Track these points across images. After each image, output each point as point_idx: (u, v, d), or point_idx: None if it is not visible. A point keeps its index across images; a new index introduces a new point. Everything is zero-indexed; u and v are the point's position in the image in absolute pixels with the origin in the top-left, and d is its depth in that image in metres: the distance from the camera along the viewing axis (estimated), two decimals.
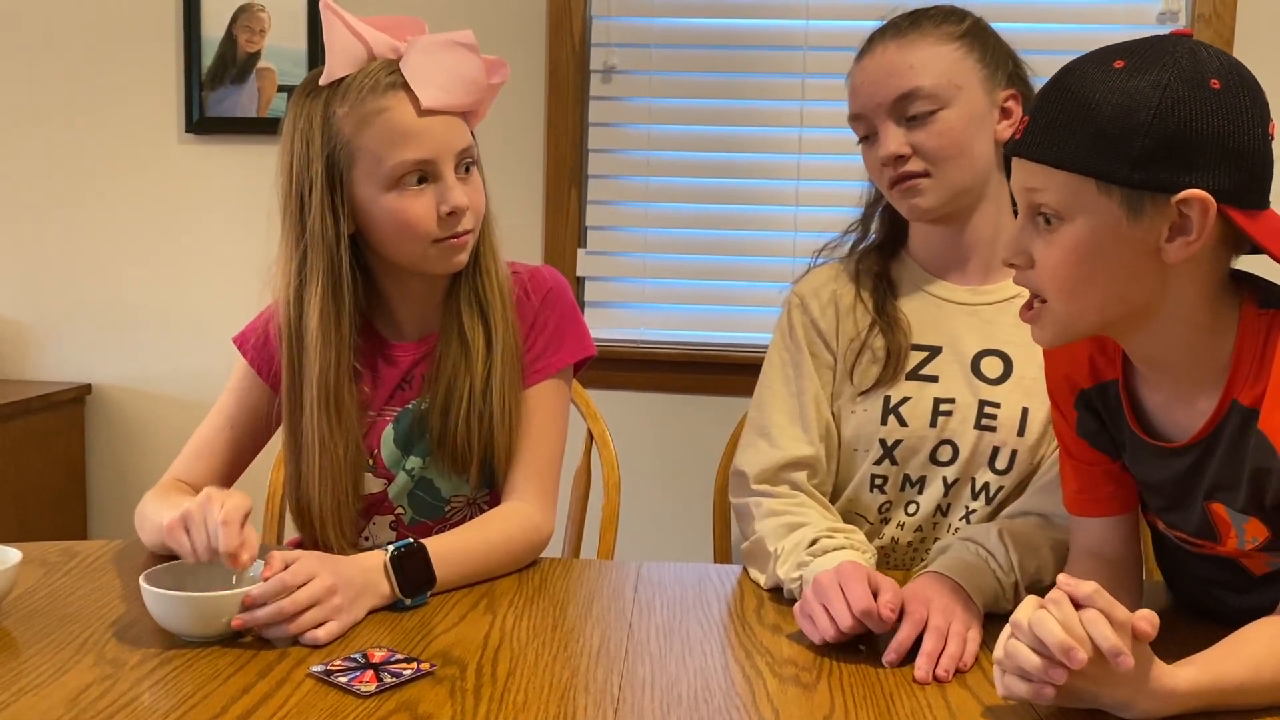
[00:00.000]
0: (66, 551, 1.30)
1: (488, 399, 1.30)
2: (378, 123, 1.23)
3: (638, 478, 2.26)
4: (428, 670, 0.99)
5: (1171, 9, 2.24)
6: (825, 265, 1.43)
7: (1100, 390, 1.11)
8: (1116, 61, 0.94)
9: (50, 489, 2.48)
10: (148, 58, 2.50)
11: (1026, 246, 1.00)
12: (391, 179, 1.23)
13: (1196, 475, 1.04)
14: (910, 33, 1.29)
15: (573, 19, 2.37)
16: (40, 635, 1.06)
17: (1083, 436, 1.14)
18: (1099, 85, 0.94)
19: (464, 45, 1.25)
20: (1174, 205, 0.93)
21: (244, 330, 1.39)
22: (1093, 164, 0.94)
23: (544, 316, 1.36)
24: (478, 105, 1.29)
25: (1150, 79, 0.92)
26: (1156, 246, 0.95)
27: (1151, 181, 0.92)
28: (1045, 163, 0.96)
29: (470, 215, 1.27)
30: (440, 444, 1.31)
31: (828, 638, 1.05)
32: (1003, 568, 1.17)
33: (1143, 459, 1.08)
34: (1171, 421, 1.06)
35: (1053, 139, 0.96)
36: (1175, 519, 1.09)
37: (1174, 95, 0.91)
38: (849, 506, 1.36)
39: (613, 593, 1.23)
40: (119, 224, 2.55)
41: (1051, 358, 1.15)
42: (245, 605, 1.04)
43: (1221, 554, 1.07)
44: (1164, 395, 1.06)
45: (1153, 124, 0.91)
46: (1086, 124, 0.94)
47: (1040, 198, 0.97)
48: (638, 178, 2.43)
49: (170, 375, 2.57)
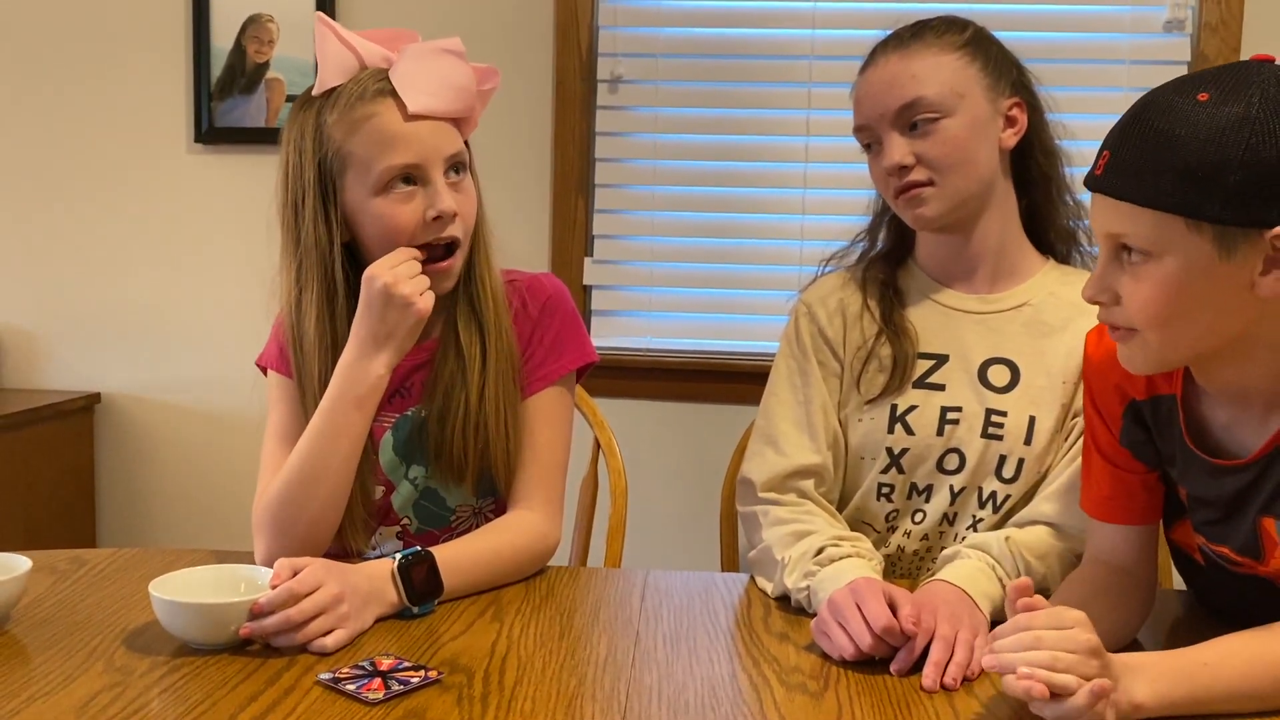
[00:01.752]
0: (76, 559, 1.31)
1: (483, 409, 1.30)
2: (366, 128, 1.24)
3: (645, 486, 2.26)
4: (435, 678, 0.99)
5: (1178, 17, 2.24)
6: (833, 274, 1.44)
7: (1153, 403, 1.09)
8: (1200, 94, 0.91)
9: (59, 498, 2.49)
10: (157, 68, 2.51)
11: (1111, 284, 0.97)
12: (379, 184, 1.24)
13: (1253, 491, 1.02)
14: (912, 43, 1.30)
15: (580, 29, 2.38)
16: (50, 643, 1.06)
17: (1127, 446, 1.12)
18: (1184, 120, 0.91)
19: (451, 52, 1.26)
20: (1268, 240, 0.90)
21: (263, 351, 1.39)
22: (1181, 203, 0.90)
23: (544, 324, 1.36)
24: (467, 112, 1.29)
25: (1238, 111, 0.89)
26: (1250, 281, 0.92)
27: (1244, 219, 0.90)
28: (1130, 200, 0.93)
29: (459, 223, 1.27)
30: (438, 454, 1.32)
31: (846, 656, 1.05)
32: (1009, 576, 1.17)
33: (1195, 474, 1.07)
34: (1232, 439, 1.04)
35: (1137, 176, 0.93)
36: (1221, 533, 1.07)
37: (1264, 128, 0.88)
38: (856, 515, 1.36)
39: (619, 601, 1.23)
40: (128, 233, 2.56)
41: (1102, 366, 1.12)
42: (253, 613, 1.04)
43: (1262, 574, 1.06)
44: (1229, 415, 1.04)
45: (1244, 159, 0.88)
46: (1173, 161, 0.90)
47: (1126, 237, 0.95)
48: (644, 187, 2.44)
49: (179, 384, 2.58)
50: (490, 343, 1.31)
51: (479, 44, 1.35)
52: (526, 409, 1.34)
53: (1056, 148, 1.36)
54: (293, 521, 1.24)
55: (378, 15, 2.43)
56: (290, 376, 1.34)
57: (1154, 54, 2.25)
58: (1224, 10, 2.22)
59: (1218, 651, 0.93)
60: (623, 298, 2.48)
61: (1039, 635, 0.90)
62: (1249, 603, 1.09)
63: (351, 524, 1.31)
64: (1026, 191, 1.36)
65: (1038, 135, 1.34)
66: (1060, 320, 1.31)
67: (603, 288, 2.47)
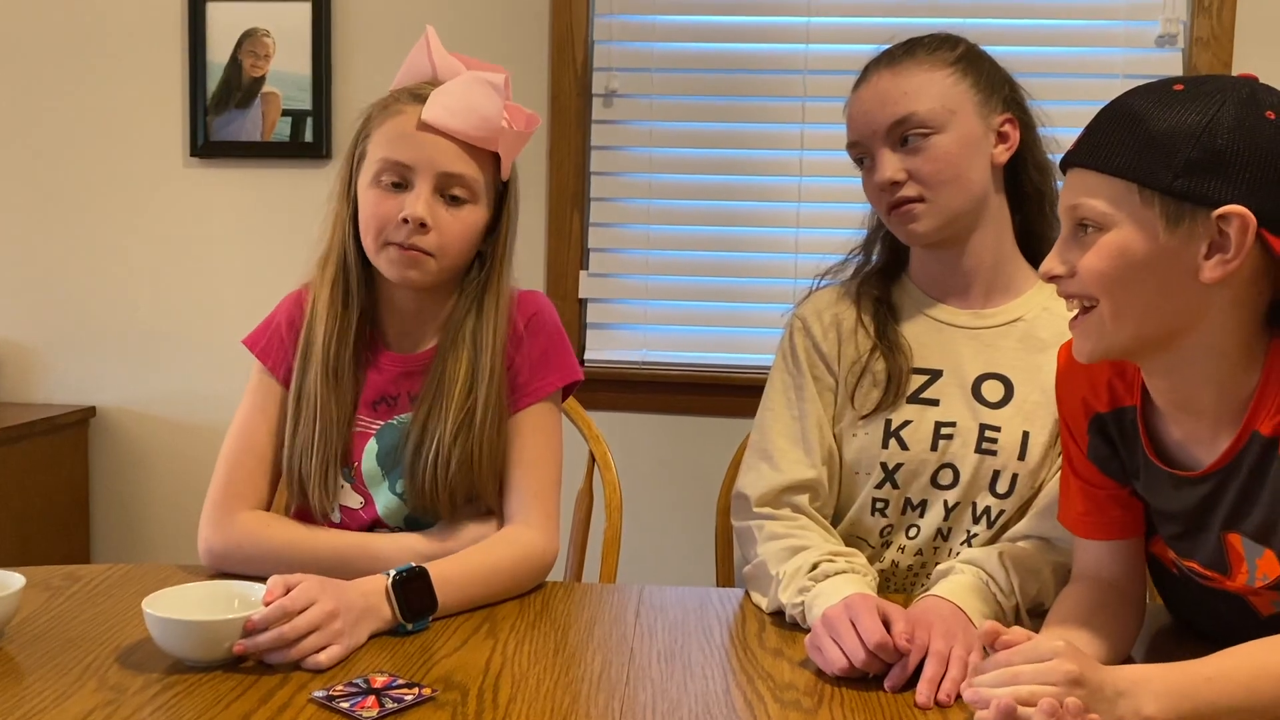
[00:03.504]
0: (70, 576, 1.30)
1: (458, 446, 1.29)
2: (387, 123, 1.30)
3: (640, 500, 2.26)
4: (429, 695, 0.99)
5: (1170, 32, 2.25)
6: (828, 288, 1.44)
7: (1116, 415, 1.11)
8: (1176, 85, 0.97)
9: (54, 512, 2.48)
10: (153, 82, 2.52)
11: (1069, 257, 1.01)
12: (374, 173, 1.29)
13: (1213, 504, 1.03)
14: (904, 60, 1.31)
15: (575, 44, 2.39)
16: (43, 660, 1.06)
17: (1093, 461, 1.14)
18: (1154, 102, 0.96)
19: (490, 83, 1.30)
20: (1213, 220, 0.93)
21: (254, 331, 1.40)
22: (1137, 169, 0.95)
23: (530, 341, 1.36)
24: (484, 142, 1.29)
25: (1205, 104, 0.94)
26: (1194, 265, 0.95)
27: (1193, 192, 0.93)
28: (1091, 168, 0.98)
29: (433, 238, 1.28)
30: (410, 480, 1.32)
31: (840, 672, 1.04)
32: (1004, 591, 1.17)
33: (1158, 486, 1.08)
34: (1187, 455, 1.06)
35: (1102, 147, 0.98)
36: (1188, 548, 1.08)
37: (1227, 115, 0.93)
38: (850, 529, 1.36)
39: (614, 617, 1.23)
40: (123, 247, 2.56)
41: (1069, 380, 1.15)
42: (247, 630, 1.04)
43: (1230, 589, 1.06)
44: (1183, 431, 1.06)
45: (1201, 137, 0.93)
46: (1137, 133, 0.96)
47: (1083, 209, 0.98)
48: (639, 200, 2.45)
49: (175, 398, 2.57)
50: (480, 382, 1.31)
51: (475, 58, 1.36)
52: (514, 425, 1.34)
53: (1049, 163, 1.37)
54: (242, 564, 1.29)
55: (373, 33, 2.44)
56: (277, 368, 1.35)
57: (1147, 69, 2.26)
58: (1215, 25, 2.23)
59: (1220, 666, 0.93)
60: (618, 311, 2.48)
61: (1017, 671, 0.90)
62: (1220, 616, 1.10)
63: (324, 489, 1.31)
64: (1020, 207, 1.37)
65: (1030, 151, 1.35)
66: (1054, 335, 1.31)
67: (598, 301, 2.47)
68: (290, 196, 2.48)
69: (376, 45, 2.44)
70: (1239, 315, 0.99)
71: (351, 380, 1.34)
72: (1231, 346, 0.99)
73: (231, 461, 1.35)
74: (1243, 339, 0.99)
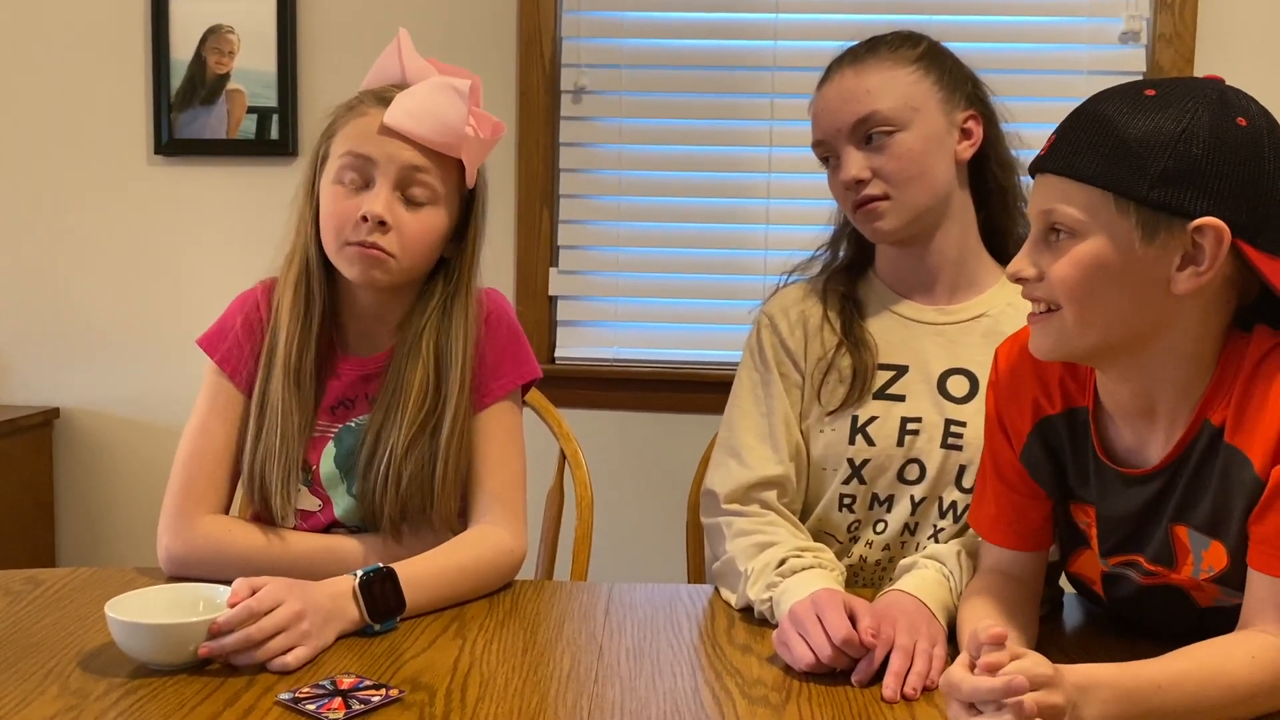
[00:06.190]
0: (31, 580, 1.29)
1: (410, 459, 1.28)
2: (351, 123, 1.30)
3: (611, 497, 2.26)
4: (396, 696, 0.99)
5: (1133, 29, 2.27)
6: (794, 285, 1.44)
7: (1069, 416, 1.11)
8: (1148, 90, 0.96)
9: (17, 515, 2.45)
10: (116, 79, 2.49)
11: (1037, 260, 1.00)
12: (335, 170, 1.29)
13: (1163, 499, 1.04)
14: (867, 58, 1.31)
15: (543, 40, 2.38)
16: (3, 666, 1.05)
17: (1025, 464, 1.13)
18: (1127, 108, 0.96)
19: (455, 89, 1.29)
20: (1189, 232, 0.93)
21: (209, 333, 1.37)
22: (1113, 179, 0.94)
23: (488, 340, 1.35)
24: (446, 148, 1.28)
25: (1178, 110, 0.94)
26: (1166, 276, 0.95)
27: (1168, 202, 0.93)
28: (1066, 175, 0.97)
29: (393, 238, 1.27)
30: (361, 487, 1.31)
31: (807, 667, 1.05)
32: (960, 589, 1.18)
33: (1108, 487, 1.08)
34: (1137, 458, 1.06)
35: (1075, 153, 0.97)
36: (1132, 546, 1.08)
37: (1201, 123, 0.93)
38: (818, 525, 1.37)
39: (583, 615, 1.23)
40: (87, 246, 2.53)
41: (1018, 381, 1.14)
42: (212, 632, 1.03)
43: (1174, 581, 1.07)
44: (1134, 435, 1.06)
45: (1176, 147, 0.92)
46: (1110, 140, 0.95)
47: (1057, 214, 0.98)
48: (609, 197, 2.44)
49: (140, 399, 2.55)
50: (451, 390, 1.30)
51: (442, 56, 1.36)
52: (477, 425, 1.34)
53: (1013, 159, 1.38)
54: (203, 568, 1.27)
55: (339, 29, 2.42)
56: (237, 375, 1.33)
57: (1110, 65, 2.29)
58: (1178, 22, 2.26)
59: (1170, 673, 0.92)
60: (588, 308, 2.48)
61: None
62: (1157, 612, 1.11)
63: (285, 494, 1.29)
64: (984, 203, 1.38)
65: (994, 148, 1.36)
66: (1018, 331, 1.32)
67: (568, 298, 2.47)
68: (256, 195, 2.45)
69: (342, 41, 2.42)
70: (1206, 322, 0.99)
71: (312, 386, 1.32)
72: (1196, 351, 1.00)
73: (189, 465, 1.32)
74: (1209, 344, 1.00)
